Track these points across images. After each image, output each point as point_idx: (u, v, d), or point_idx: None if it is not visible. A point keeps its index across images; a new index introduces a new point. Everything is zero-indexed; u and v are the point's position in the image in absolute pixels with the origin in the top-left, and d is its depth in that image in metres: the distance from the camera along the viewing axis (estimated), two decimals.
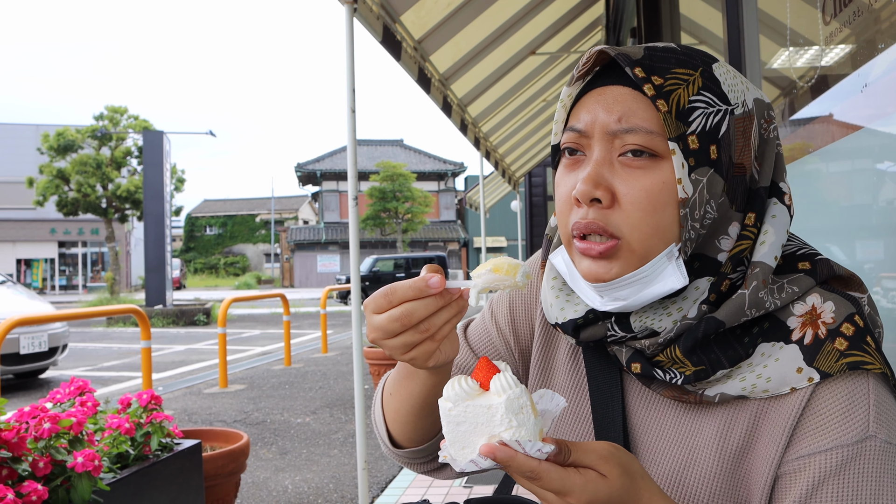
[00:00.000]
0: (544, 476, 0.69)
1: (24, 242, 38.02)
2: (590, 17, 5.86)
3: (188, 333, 14.47)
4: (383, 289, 0.76)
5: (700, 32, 3.25)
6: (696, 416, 0.85)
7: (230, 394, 7.02)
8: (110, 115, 28.59)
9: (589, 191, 0.79)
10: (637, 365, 0.84)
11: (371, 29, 3.37)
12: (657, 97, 0.77)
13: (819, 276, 0.82)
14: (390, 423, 0.99)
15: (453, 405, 0.70)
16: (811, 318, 0.79)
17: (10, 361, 7.35)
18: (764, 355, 0.80)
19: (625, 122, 0.79)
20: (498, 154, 8.77)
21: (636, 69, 0.78)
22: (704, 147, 0.77)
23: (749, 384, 0.79)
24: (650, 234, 0.78)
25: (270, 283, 47.02)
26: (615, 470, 0.71)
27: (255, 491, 4.00)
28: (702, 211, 0.78)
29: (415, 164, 43.72)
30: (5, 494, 1.69)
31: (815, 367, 0.77)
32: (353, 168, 3.10)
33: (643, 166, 0.78)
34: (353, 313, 3.18)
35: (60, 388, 2.28)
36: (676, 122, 0.76)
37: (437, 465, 1.04)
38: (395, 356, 0.79)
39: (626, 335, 0.84)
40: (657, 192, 0.77)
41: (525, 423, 0.68)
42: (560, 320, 0.91)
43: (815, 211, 1.76)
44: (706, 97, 0.78)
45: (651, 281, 0.80)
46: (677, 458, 0.85)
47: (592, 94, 0.83)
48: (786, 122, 1.88)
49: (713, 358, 0.80)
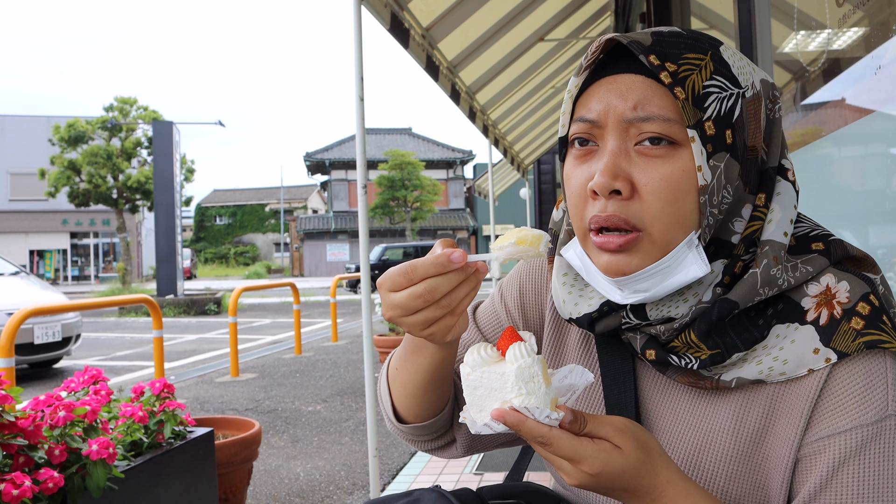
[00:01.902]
0: (555, 442, 0.70)
1: (36, 233, 38.25)
2: (598, 3, 5.81)
3: (199, 323, 14.55)
4: (400, 266, 0.75)
5: (710, 17, 3.23)
6: (712, 400, 0.85)
7: (241, 382, 7.07)
8: (120, 106, 28.66)
9: (608, 182, 0.77)
10: (652, 351, 0.83)
11: (379, 16, 3.35)
12: (674, 84, 0.75)
13: (833, 256, 0.82)
14: (396, 399, 0.99)
15: (471, 370, 0.73)
16: (826, 299, 0.79)
17: (25, 351, 7.42)
18: (779, 337, 0.79)
19: (641, 109, 0.77)
20: (507, 142, 8.75)
21: (650, 56, 0.76)
22: (720, 132, 0.76)
23: (766, 367, 0.79)
24: (671, 224, 0.77)
25: (280, 273, 47.19)
26: (630, 443, 0.72)
27: (267, 478, 4.04)
28: (720, 196, 0.78)
29: (423, 152, 43.65)
30: (23, 481, 1.71)
31: (831, 347, 0.77)
32: (362, 157, 3.10)
33: (662, 155, 0.77)
34: (364, 302, 3.19)
35: (75, 377, 2.30)
36: (694, 109, 0.76)
37: (441, 444, 1.04)
38: (414, 333, 0.78)
39: (640, 322, 0.84)
40: (677, 181, 0.77)
41: (535, 392, 0.71)
42: (574, 315, 0.90)
43: (828, 196, 1.75)
44: (719, 81, 0.77)
45: (672, 271, 0.79)
46: (692, 442, 0.85)
47: (602, 83, 0.81)
48: (797, 106, 1.87)
49: (728, 341, 0.79)
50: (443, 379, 0.92)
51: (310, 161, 44.04)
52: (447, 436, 1.04)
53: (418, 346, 0.89)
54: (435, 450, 1.05)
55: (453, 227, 43.20)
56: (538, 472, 3.50)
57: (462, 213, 44.67)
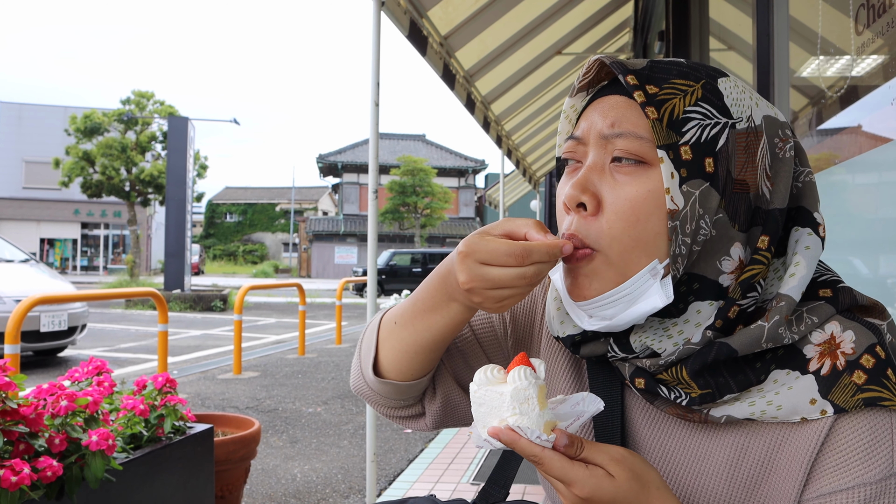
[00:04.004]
0: (546, 462, 0.71)
1: (48, 222, 38.49)
2: (618, 19, 5.82)
3: (204, 319, 14.58)
4: (508, 244, 0.75)
5: (729, 38, 3.22)
6: (705, 439, 0.83)
7: (243, 380, 7.08)
8: (137, 99, 28.87)
9: (575, 195, 0.78)
10: (641, 381, 0.82)
11: (398, 23, 3.37)
12: (647, 104, 0.75)
13: (840, 304, 0.79)
14: (384, 352, 0.95)
15: (478, 388, 0.76)
16: (830, 348, 0.77)
17: (30, 339, 7.46)
18: (777, 382, 0.77)
19: (616, 126, 0.78)
20: (519, 153, 8.75)
21: (628, 77, 0.77)
22: (698, 159, 0.75)
23: (758, 409, 0.77)
24: (630, 247, 0.76)
25: (288, 273, 47.28)
26: (624, 473, 0.72)
27: (264, 478, 4.04)
28: (693, 225, 0.75)
29: (436, 159, 43.73)
30: (22, 469, 1.72)
31: (829, 399, 0.75)
32: (375, 161, 3.11)
33: (631, 173, 0.77)
34: (369, 306, 3.19)
35: (79, 368, 2.31)
36: (667, 131, 0.75)
37: (410, 413, 1.02)
38: (487, 305, 0.78)
39: (626, 356, 0.83)
40: (641, 201, 0.76)
41: (527, 413, 0.73)
42: (560, 335, 0.89)
43: (840, 223, 1.74)
44: (704, 108, 0.76)
45: (635, 299, 0.78)
46: (684, 483, 0.84)
47: (593, 104, 0.83)
48: (812, 131, 1.86)
49: (721, 382, 0.77)
50: (447, 341, 0.91)
51: (322, 163, 44.17)
52: (416, 406, 1.02)
53: (437, 304, 0.86)
54: (402, 418, 1.03)
55: (462, 235, 43.19)
56: (534, 484, 3.49)
57: (472, 222, 44.69)
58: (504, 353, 1.04)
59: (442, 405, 1.02)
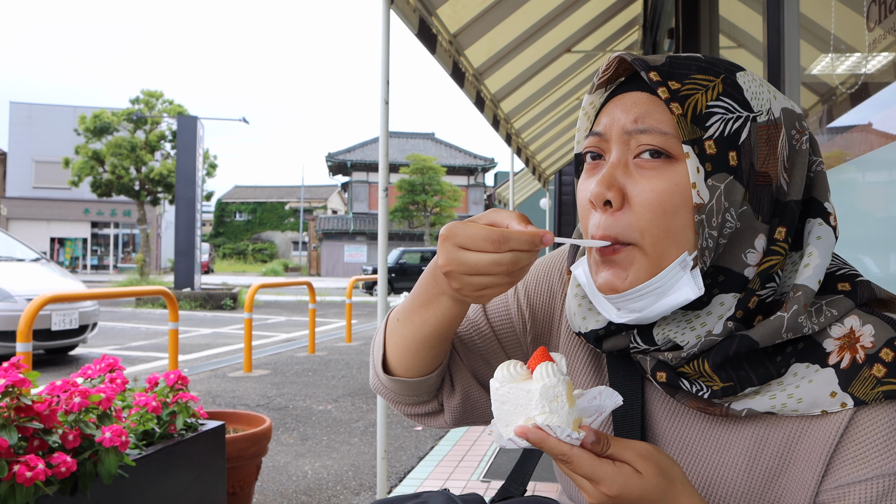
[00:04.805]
0: (575, 461, 0.71)
1: (58, 221, 38.73)
2: (627, 17, 5.81)
3: (215, 317, 14.64)
4: (486, 230, 0.74)
5: (739, 35, 3.21)
6: (724, 431, 0.84)
7: (254, 378, 7.10)
8: (146, 98, 29.01)
9: (601, 192, 0.79)
10: (663, 374, 0.83)
11: (407, 21, 3.37)
12: (671, 100, 0.76)
13: (859, 298, 0.80)
14: (390, 349, 0.97)
15: (500, 385, 0.74)
16: (849, 342, 0.78)
17: (42, 337, 7.51)
18: (797, 376, 0.78)
19: (640, 122, 0.79)
20: (529, 151, 8.75)
21: (651, 73, 0.78)
22: (722, 153, 0.76)
23: (779, 402, 0.78)
24: (661, 237, 0.77)
25: (297, 271, 47.40)
26: (651, 469, 0.72)
27: (275, 475, 4.05)
28: (720, 219, 0.76)
29: (445, 157, 43.73)
30: (36, 464, 1.73)
31: (849, 392, 0.76)
32: (385, 159, 3.11)
33: (656, 167, 0.78)
34: (379, 304, 3.20)
35: (92, 365, 2.33)
36: (692, 126, 0.76)
37: (427, 410, 1.03)
38: (465, 292, 0.78)
39: (648, 347, 0.84)
40: (668, 194, 0.77)
41: (557, 411, 0.72)
42: (583, 330, 0.90)
43: (850, 221, 1.73)
44: (726, 103, 0.77)
45: (665, 292, 0.78)
46: (703, 475, 0.84)
47: (613, 101, 0.83)
48: (823, 129, 1.86)
49: (742, 375, 0.79)
50: (445, 336, 0.91)
51: (331, 161, 44.24)
52: (432, 403, 1.03)
53: (430, 299, 0.88)
54: (420, 416, 1.04)
55: None
56: (545, 482, 3.50)
57: None
58: (523, 349, 1.04)
59: (461, 402, 1.02)
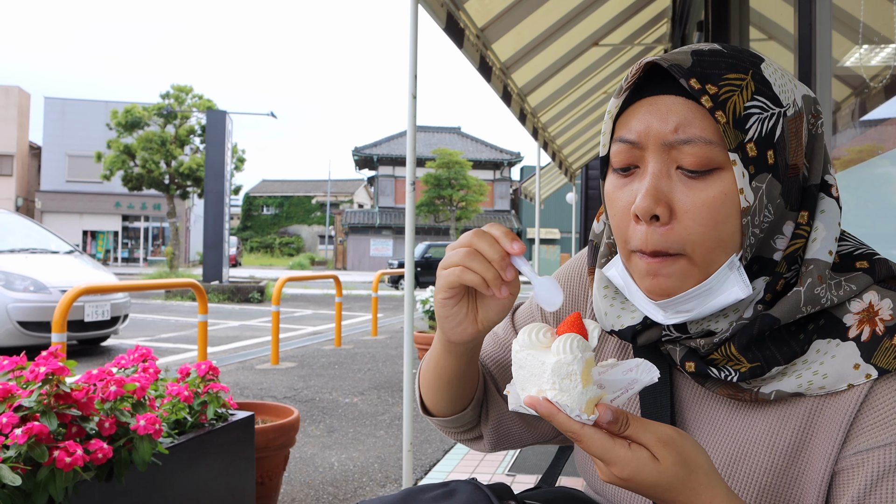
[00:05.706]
0: (586, 440, 0.70)
1: (90, 215, 39.38)
2: (656, 9, 5.76)
3: (242, 310, 14.80)
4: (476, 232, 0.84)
5: (770, 27, 3.18)
6: (749, 413, 0.85)
7: (281, 371, 7.18)
8: (176, 93, 29.35)
9: (649, 207, 0.77)
10: (692, 363, 0.84)
11: (435, 16, 3.38)
12: (715, 108, 0.75)
13: (877, 274, 0.81)
14: (424, 393, 1.08)
15: (520, 348, 0.74)
16: (868, 316, 0.79)
17: (75, 328, 7.66)
18: (819, 352, 0.79)
19: (682, 132, 0.76)
20: (556, 145, 8.71)
21: (691, 80, 0.76)
22: (762, 153, 0.76)
23: (805, 381, 0.79)
24: (712, 248, 0.77)
25: (324, 265, 47.72)
26: (670, 457, 0.70)
27: (302, 466, 4.10)
28: (761, 217, 0.77)
29: (471, 152, 43.65)
30: (75, 450, 1.78)
31: (872, 363, 0.77)
32: (412, 154, 3.13)
33: (703, 178, 0.77)
34: (406, 297, 3.22)
35: (125, 355, 2.38)
36: (735, 132, 0.75)
37: (470, 436, 1.12)
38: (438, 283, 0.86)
39: (680, 335, 0.85)
40: (719, 205, 0.76)
41: (568, 390, 0.69)
42: (616, 327, 0.91)
43: (883, 214, 1.72)
44: (760, 102, 0.76)
45: (714, 293, 0.79)
46: (726, 453, 0.85)
47: (643, 104, 0.80)
48: (856, 122, 1.84)
49: (768, 355, 0.79)
50: (462, 382, 1.00)
51: (358, 156, 44.41)
52: (475, 430, 1.11)
53: (444, 350, 0.95)
54: (464, 441, 1.14)
55: None
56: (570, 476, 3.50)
57: (507, 214, 44.56)
58: None
59: (493, 429, 1.09)
